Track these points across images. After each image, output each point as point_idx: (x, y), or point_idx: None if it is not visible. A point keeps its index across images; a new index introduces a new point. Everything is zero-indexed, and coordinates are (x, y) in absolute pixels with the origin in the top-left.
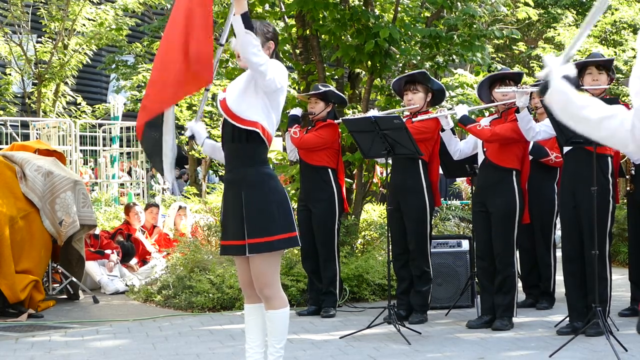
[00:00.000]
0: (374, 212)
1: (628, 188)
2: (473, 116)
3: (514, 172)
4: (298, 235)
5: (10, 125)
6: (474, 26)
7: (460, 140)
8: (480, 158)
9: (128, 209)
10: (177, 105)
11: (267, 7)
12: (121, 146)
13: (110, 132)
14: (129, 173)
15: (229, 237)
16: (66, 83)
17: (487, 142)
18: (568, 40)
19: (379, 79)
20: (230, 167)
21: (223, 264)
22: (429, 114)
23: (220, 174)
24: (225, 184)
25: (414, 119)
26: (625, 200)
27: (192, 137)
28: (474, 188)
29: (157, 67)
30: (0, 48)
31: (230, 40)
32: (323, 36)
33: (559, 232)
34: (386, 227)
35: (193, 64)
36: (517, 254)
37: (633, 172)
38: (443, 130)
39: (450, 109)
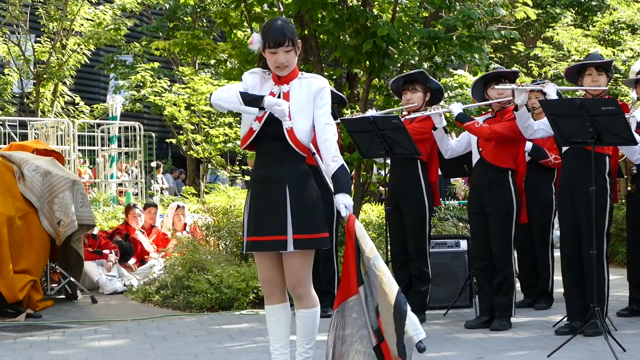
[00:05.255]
0: (372, 212)
1: (629, 188)
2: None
3: (510, 172)
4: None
5: (9, 125)
6: (473, 27)
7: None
8: (475, 158)
9: (128, 209)
10: (175, 105)
11: (265, 7)
12: (119, 146)
13: (108, 132)
14: (127, 172)
15: (265, 232)
16: (64, 83)
17: (486, 140)
18: (567, 40)
19: (377, 79)
20: (269, 162)
21: (221, 264)
22: (423, 112)
23: (218, 174)
24: (260, 179)
25: (406, 117)
26: (624, 201)
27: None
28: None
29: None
30: None
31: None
32: (321, 36)
33: (557, 232)
34: (384, 227)
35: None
36: (515, 253)
37: (635, 171)
38: (435, 128)
39: (443, 107)
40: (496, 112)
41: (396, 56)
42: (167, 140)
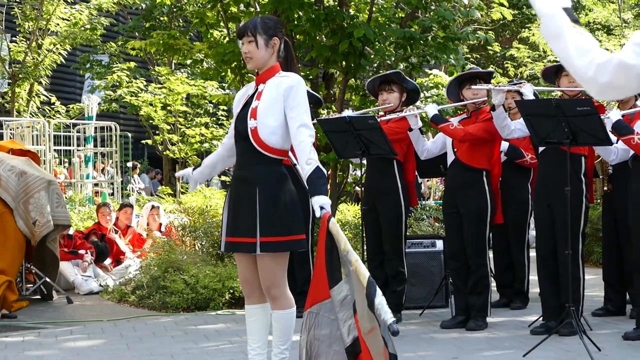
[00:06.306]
0: (349, 212)
1: (605, 188)
2: (447, 117)
3: (484, 173)
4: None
5: None
6: (448, 29)
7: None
8: (450, 158)
9: (97, 209)
10: (151, 105)
11: (242, 7)
12: (95, 146)
13: (84, 132)
14: (103, 172)
15: (238, 233)
16: (40, 83)
17: (460, 142)
18: (542, 40)
19: (353, 79)
20: (243, 163)
21: (197, 264)
22: (399, 113)
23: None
24: (236, 180)
25: (382, 118)
26: (600, 201)
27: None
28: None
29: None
30: None
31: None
32: (298, 36)
33: (533, 232)
34: (360, 228)
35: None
36: (490, 253)
37: (610, 171)
38: (411, 129)
39: (419, 107)
40: (471, 112)
41: (372, 56)
42: (143, 142)
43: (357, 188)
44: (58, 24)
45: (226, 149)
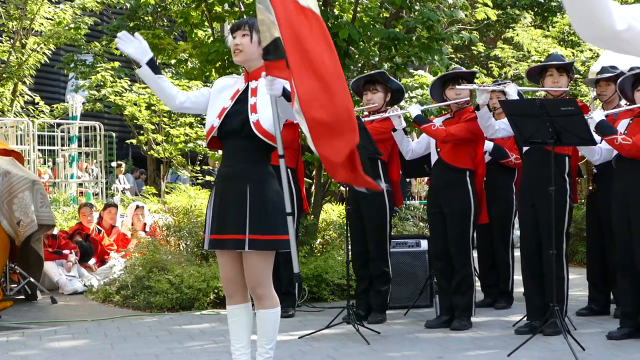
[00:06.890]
0: (333, 212)
1: (590, 188)
2: (432, 117)
3: (468, 173)
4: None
5: None
6: (432, 30)
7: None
8: (434, 158)
9: (79, 209)
10: (136, 105)
11: (226, 6)
12: (80, 146)
13: (68, 132)
14: (87, 172)
15: (225, 231)
16: (24, 82)
17: (442, 143)
18: (526, 40)
19: None
20: (232, 161)
21: (182, 264)
22: (383, 113)
23: (179, 174)
24: (223, 177)
25: (365, 119)
26: (584, 200)
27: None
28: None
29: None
30: None
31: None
32: None
33: (517, 232)
34: (345, 227)
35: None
36: (474, 253)
37: (595, 171)
38: (395, 130)
39: (402, 108)
40: (454, 112)
41: (357, 56)
42: (128, 141)
43: (342, 188)
44: (42, 24)
45: (179, 97)
